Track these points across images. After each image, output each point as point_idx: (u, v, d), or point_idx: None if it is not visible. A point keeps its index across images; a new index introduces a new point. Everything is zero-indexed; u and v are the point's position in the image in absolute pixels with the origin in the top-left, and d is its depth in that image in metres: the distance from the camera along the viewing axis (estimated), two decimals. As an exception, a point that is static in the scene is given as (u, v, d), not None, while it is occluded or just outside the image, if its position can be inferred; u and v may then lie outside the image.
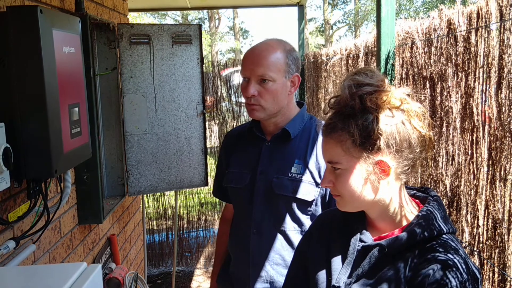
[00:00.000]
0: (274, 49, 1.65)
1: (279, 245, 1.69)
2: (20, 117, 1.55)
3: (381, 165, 1.06)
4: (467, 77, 1.79)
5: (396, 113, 1.06)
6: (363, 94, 1.06)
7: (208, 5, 6.36)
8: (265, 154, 1.72)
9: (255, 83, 1.63)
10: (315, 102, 4.87)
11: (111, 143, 3.04)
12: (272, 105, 1.66)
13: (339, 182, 1.09)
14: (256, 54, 1.65)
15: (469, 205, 1.82)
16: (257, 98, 1.64)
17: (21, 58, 1.53)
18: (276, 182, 1.68)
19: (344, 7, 26.43)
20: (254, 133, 1.76)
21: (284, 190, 1.67)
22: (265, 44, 1.68)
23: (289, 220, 1.69)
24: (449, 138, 1.95)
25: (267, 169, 1.71)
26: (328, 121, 1.10)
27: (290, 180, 1.67)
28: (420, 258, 1.03)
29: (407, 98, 1.08)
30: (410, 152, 1.06)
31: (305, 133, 1.73)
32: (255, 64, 1.63)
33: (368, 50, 3.09)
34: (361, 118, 1.05)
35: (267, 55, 1.64)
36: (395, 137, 1.05)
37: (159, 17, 22.91)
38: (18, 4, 1.81)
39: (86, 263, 1.18)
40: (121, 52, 3.00)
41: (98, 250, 2.74)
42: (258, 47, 1.68)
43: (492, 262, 1.69)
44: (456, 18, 1.83)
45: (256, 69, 1.62)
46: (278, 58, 1.64)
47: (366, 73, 1.09)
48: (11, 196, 1.72)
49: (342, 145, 1.07)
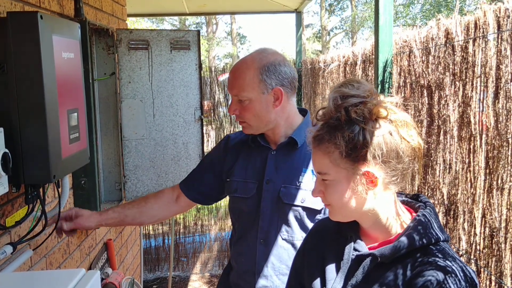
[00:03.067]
0: (248, 68, 1.64)
1: (286, 255, 1.68)
2: (19, 122, 1.55)
3: (368, 176, 1.06)
4: (465, 86, 1.81)
5: (383, 124, 1.05)
6: (349, 106, 1.06)
7: (207, 11, 6.38)
8: (271, 163, 1.71)
9: (236, 102, 1.66)
10: (312, 109, 4.89)
11: (108, 148, 3.04)
12: (256, 122, 1.67)
13: (328, 193, 1.10)
14: (232, 74, 1.68)
15: (466, 213, 1.83)
16: (241, 116, 1.67)
17: (21, 64, 1.53)
18: (284, 191, 1.67)
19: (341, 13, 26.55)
20: (258, 142, 1.75)
21: (292, 200, 1.66)
22: (241, 62, 1.69)
23: (297, 229, 1.68)
24: (446, 146, 1.96)
25: (274, 178, 1.69)
26: (316, 133, 1.11)
27: (298, 189, 1.66)
28: (419, 264, 1.03)
29: (393, 108, 1.08)
30: (398, 162, 1.06)
31: None
32: (230, 85, 1.67)
33: (365, 58, 3.11)
34: (347, 129, 1.05)
35: (240, 75, 1.65)
36: (382, 147, 1.04)
37: (157, 22, 22.94)
38: (18, 9, 1.82)
39: (84, 270, 1.18)
40: (120, 57, 3.01)
41: (94, 255, 2.73)
42: (235, 67, 1.70)
43: (489, 270, 1.69)
44: (453, 28, 1.84)
45: (232, 90, 1.66)
46: (251, 77, 1.63)
47: (353, 84, 1.09)
48: (8, 201, 1.72)
49: (330, 156, 1.07)
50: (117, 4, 3.34)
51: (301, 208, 1.66)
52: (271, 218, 1.68)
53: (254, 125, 1.67)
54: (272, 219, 1.68)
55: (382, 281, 1.06)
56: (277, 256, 1.69)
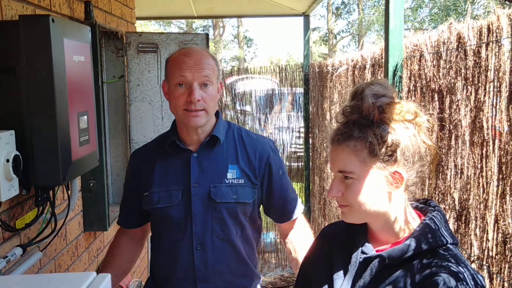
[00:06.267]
0: (207, 55, 1.65)
1: (224, 255, 1.67)
2: (30, 125, 1.55)
3: (396, 176, 1.06)
4: (477, 91, 1.79)
5: (409, 126, 1.06)
6: (382, 105, 1.06)
7: (214, 14, 6.39)
8: (194, 165, 1.66)
9: (198, 88, 1.59)
10: (320, 112, 4.87)
11: (117, 151, 3.05)
12: (212, 110, 1.64)
13: (350, 192, 1.08)
14: (196, 59, 1.60)
15: (478, 218, 1.81)
16: (201, 103, 1.59)
17: (33, 67, 1.54)
18: (214, 191, 1.64)
19: (348, 16, 26.53)
20: (177, 146, 1.67)
21: (225, 198, 1.64)
22: (197, 49, 1.66)
23: (233, 226, 1.67)
24: (457, 151, 1.94)
25: (201, 180, 1.65)
26: (343, 130, 1.09)
27: (228, 186, 1.65)
28: (428, 267, 1.03)
29: (419, 112, 1.08)
30: (421, 165, 1.07)
31: (229, 137, 1.72)
32: (198, 68, 1.58)
33: (375, 61, 3.10)
34: (378, 128, 1.05)
35: (206, 59, 1.62)
36: (409, 149, 1.05)
37: (164, 25, 23.03)
38: (29, 13, 1.82)
39: (95, 273, 1.18)
40: (129, 60, 3.01)
41: (102, 257, 2.73)
42: (193, 52, 1.63)
43: (502, 276, 1.67)
44: (466, 32, 1.83)
45: (199, 72, 1.58)
46: (213, 63, 1.64)
47: (381, 84, 1.09)
48: (18, 203, 1.72)
49: (358, 155, 1.06)
50: (126, 7, 3.35)
51: (234, 203, 1.65)
52: (205, 221, 1.65)
53: (210, 113, 1.63)
54: (206, 222, 1.65)
55: (390, 283, 1.05)
56: (216, 258, 1.66)
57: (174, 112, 1.66)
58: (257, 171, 1.69)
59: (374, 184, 1.06)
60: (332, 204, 4.40)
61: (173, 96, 1.62)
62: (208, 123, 1.66)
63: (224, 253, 1.67)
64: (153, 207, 1.69)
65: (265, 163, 1.70)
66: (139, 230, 1.87)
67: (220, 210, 1.65)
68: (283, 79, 6.00)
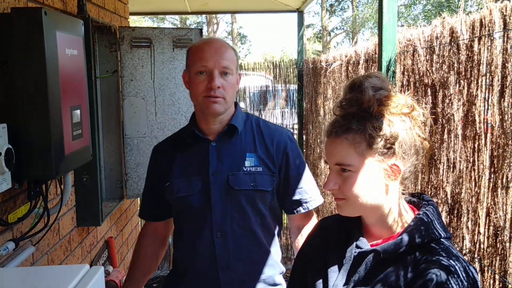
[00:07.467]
0: (228, 45, 1.69)
1: (245, 243, 1.68)
2: (22, 118, 1.54)
3: (393, 169, 1.06)
4: (470, 85, 1.80)
5: (405, 119, 1.07)
6: (380, 98, 1.06)
7: (208, 10, 6.37)
8: (213, 154, 1.69)
9: (219, 76, 1.62)
10: (313, 108, 4.88)
11: (110, 146, 3.04)
12: (231, 99, 1.67)
13: (347, 185, 1.08)
14: (216, 48, 1.64)
15: (470, 212, 1.83)
16: (221, 91, 1.62)
17: (25, 59, 1.53)
18: (233, 178, 1.66)
19: (342, 13, 26.55)
20: (196, 136, 1.71)
21: (243, 185, 1.66)
22: (218, 40, 1.70)
23: (252, 214, 1.68)
24: (450, 145, 1.95)
25: (219, 169, 1.68)
26: (342, 122, 1.09)
27: (246, 174, 1.67)
28: (421, 262, 1.03)
29: (415, 105, 1.09)
30: (416, 158, 1.08)
31: (247, 127, 1.74)
32: (219, 56, 1.62)
33: (368, 57, 3.10)
34: (376, 120, 1.06)
35: (226, 49, 1.66)
36: (406, 142, 1.06)
37: (158, 21, 22.94)
38: (22, 6, 1.81)
39: (88, 265, 1.18)
40: (122, 55, 3.00)
41: (95, 252, 2.73)
42: (214, 41, 1.68)
43: (493, 269, 1.69)
44: (458, 27, 1.84)
45: (220, 61, 1.62)
46: (233, 54, 1.68)
47: (378, 76, 1.09)
48: (11, 198, 1.72)
49: (357, 147, 1.06)
50: (120, 2, 3.34)
51: (253, 191, 1.67)
52: (224, 209, 1.67)
53: (229, 101, 1.66)
54: (225, 209, 1.67)
55: (384, 277, 1.06)
56: (237, 245, 1.68)
57: (194, 100, 1.69)
58: (275, 159, 1.70)
59: (372, 177, 1.06)
60: (326, 199, 4.41)
61: (194, 83, 1.65)
62: (226, 112, 1.69)
63: (245, 241, 1.68)
64: (174, 196, 1.72)
65: (283, 152, 1.72)
66: (161, 227, 1.89)
67: (239, 198, 1.67)
68: (277, 76, 6.00)
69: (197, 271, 1.72)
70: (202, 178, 1.68)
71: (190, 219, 1.73)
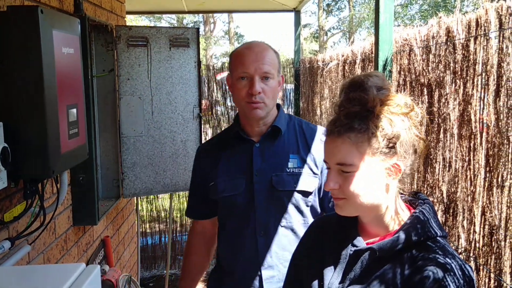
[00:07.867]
0: (269, 48, 1.71)
1: (287, 242, 1.71)
2: (18, 116, 1.54)
3: (395, 169, 1.07)
4: (465, 84, 1.81)
5: (404, 119, 1.07)
6: (383, 98, 1.07)
7: (205, 9, 6.36)
8: (257, 155, 1.72)
9: (258, 82, 1.65)
10: (310, 107, 4.88)
11: (107, 145, 3.03)
12: (272, 103, 1.70)
13: (347, 184, 1.07)
14: (257, 52, 1.67)
15: (466, 211, 1.83)
16: (261, 96, 1.65)
17: (21, 58, 1.52)
18: (276, 179, 1.69)
19: (339, 13, 26.56)
20: (240, 137, 1.75)
21: (286, 186, 1.69)
22: (259, 43, 1.73)
23: (294, 214, 1.71)
24: (446, 144, 1.96)
25: (263, 169, 1.71)
26: (344, 121, 1.07)
27: (289, 175, 1.70)
28: (418, 259, 1.04)
29: (414, 105, 1.09)
30: (415, 157, 1.08)
31: (290, 128, 1.77)
32: (259, 62, 1.65)
33: (365, 56, 3.11)
34: (378, 120, 1.06)
35: (267, 53, 1.68)
36: (406, 141, 1.06)
37: (155, 21, 22.90)
38: (18, 4, 1.81)
39: (84, 264, 1.17)
40: (119, 54, 3.00)
41: (92, 252, 2.72)
42: (255, 46, 1.70)
43: (488, 268, 1.70)
44: (455, 27, 1.84)
45: (261, 66, 1.64)
46: (274, 57, 1.70)
47: (378, 76, 1.10)
48: (7, 196, 1.71)
49: (359, 147, 1.06)
50: (116, 1, 3.33)
51: (296, 192, 1.69)
52: (267, 209, 1.70)
53: (269, 105, 1.68)
54: (268, 209, 1.70)
55: (380, 275, 1.06)
56: (279, 244, 1.70)
57: (237, 104, 1.74)
58: (317, 160, 1.72)
59: (374, 176, 1.06)
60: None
61: (236, 88, 1.69)
62: (269, 115, 1.72)
63: (287, 240, 1.71)
64: (219, 196, 1.76)
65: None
66: (209, 225, 1.93)
67: (282, 198, 1.70)
68: (274, 75, 5.99)
69: (240, 268, 1.76)
70: (246, 178, 1.72)
71: (233, 217, 1.77)
